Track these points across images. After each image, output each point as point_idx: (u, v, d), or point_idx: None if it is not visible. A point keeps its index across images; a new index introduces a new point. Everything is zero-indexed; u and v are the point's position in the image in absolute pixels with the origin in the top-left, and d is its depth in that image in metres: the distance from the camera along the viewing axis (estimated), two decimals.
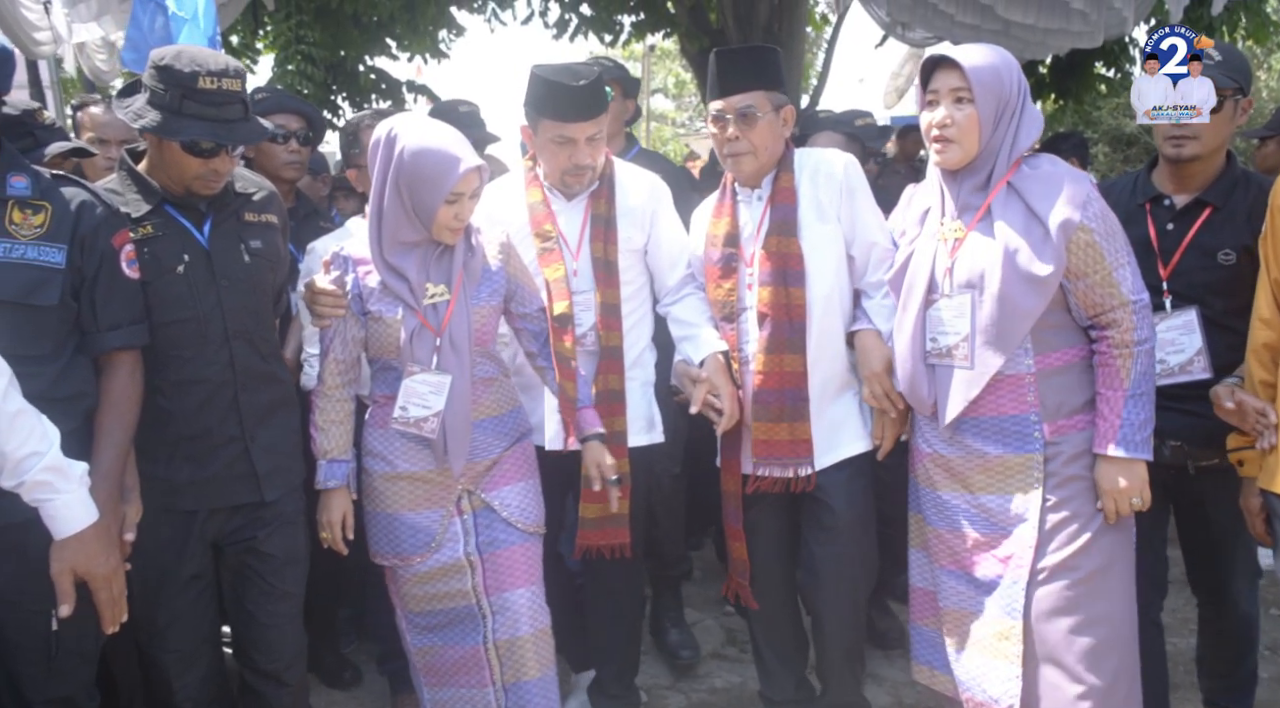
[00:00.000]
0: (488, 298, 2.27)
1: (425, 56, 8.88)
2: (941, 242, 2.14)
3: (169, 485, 2.21)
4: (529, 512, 2.35)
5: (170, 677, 2.28)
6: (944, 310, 2.11)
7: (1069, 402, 2.10)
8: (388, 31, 8.46)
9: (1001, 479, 2.11)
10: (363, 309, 2.23)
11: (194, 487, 2.22)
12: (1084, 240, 2.02)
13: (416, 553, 2.28)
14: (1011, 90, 2.06)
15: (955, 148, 2.07)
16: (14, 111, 2.49)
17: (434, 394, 2.17)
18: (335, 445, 2.28)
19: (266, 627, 2.34)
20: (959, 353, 2.09)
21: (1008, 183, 2.08)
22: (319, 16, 7.63)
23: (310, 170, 3.50)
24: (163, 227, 2.19)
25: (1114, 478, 2.04)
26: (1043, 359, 2.09)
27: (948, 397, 2.12)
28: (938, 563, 2.23)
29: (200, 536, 2.26)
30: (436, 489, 2.28)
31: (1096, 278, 2.03)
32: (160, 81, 2.10)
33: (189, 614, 2.28)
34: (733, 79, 2.39)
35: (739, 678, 3.12)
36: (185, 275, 2.17)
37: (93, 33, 5.88)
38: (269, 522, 2.31)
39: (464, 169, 2.10)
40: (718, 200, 2.58)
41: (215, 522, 2.27)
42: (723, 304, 2.48)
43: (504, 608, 2.30)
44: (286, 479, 2.36)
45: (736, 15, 8.73)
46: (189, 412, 2.19)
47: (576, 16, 8.45)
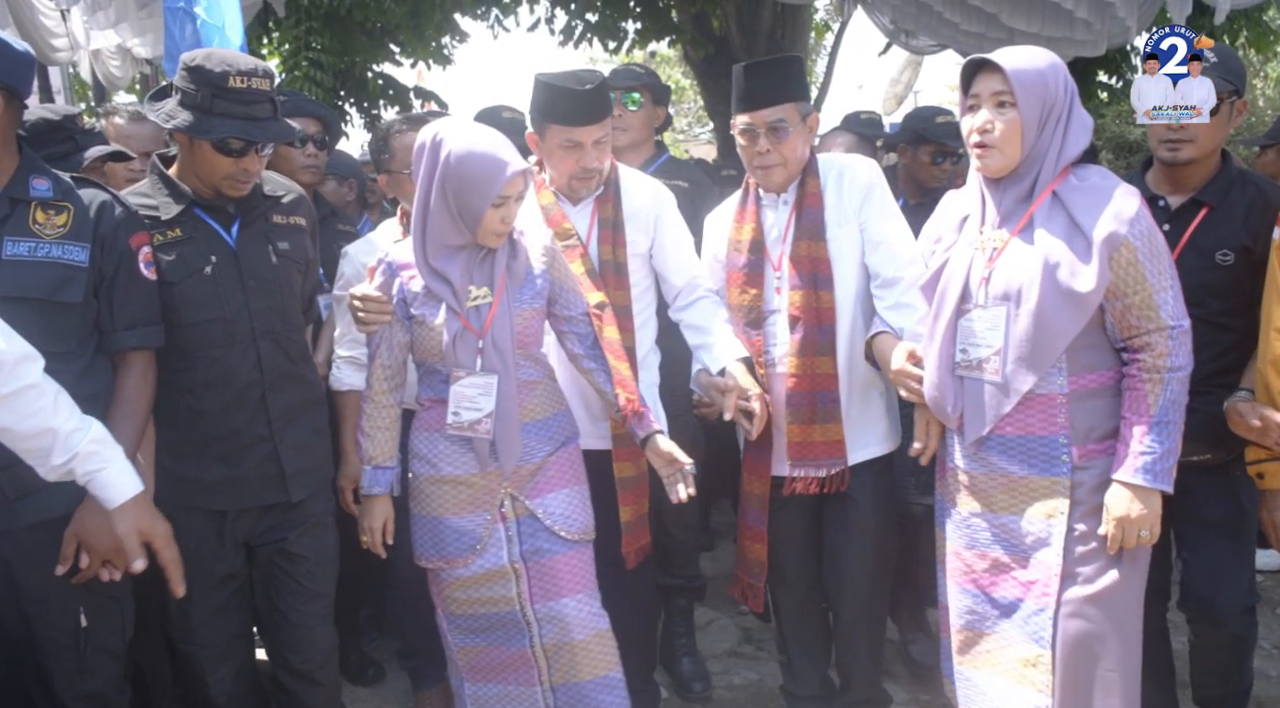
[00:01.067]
0: (530, 300, 2.27)
1: (428, 62, 8.96)
2: (979, 250, 2.06)
3: (200, 485, 2.24)
4: (574, 519, 2.32)
5: (204, 673, 2.32)
6: (977, 322, 2.03)
7: (1100, 426, 2.01)
8: (391, 38, 8.54)
9: (1025, 501, 2.03)
10: (407, 314, 2.24)
11: (224, 486, 2.26)
12: (1127, 258, 1.93)
13: (460, 556, 2.27)
14: (1058, 94, 1.97)
15: (996, 154, 1.99)
16: (54, 116, 2.52)
17: (483, 396, 2.19)
18: (381, 451, 2.30)
19: (299, 627, 2.37)
20: (990, 367, 2.01)
21: (1053, 192, 1.99)
22: (328, 23, 7.69)
23: (336, 175, 3.55)
24: (191, 229, 2.23)
25: (1127, 506, 1.95)
26: (1077, 380, 1.99)
27: (976, 412, 2.05)
28: (952, 580, 2.17)
29: (232, 535, 2.29)
30: (480, 493, 2.27)
31: (1136, 299, 1.94)
32: (191, 82, 2.14)
33: (223, 612, 2.32)
34: (762, 92, 2.40)
35: (756, 675, 3.17)
36: (213, 276, 2.21)
37: (110, 39, 5.93)
38: (299, 523, 2.35)
39: (510, 172, 2.11)
40: (739, 206, 2.58)
41: (246, 522, 2.31)
42: (748, 309, 2.49)
43: (551, 617, 2.28)
44: (314, 479, 2.40)
45: (740, 23, 8.81)
46: (217, 411, 2.22)
47: (582, 23, 8.52)
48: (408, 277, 2.24)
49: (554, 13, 8.67)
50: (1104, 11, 5.04)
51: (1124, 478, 1.95)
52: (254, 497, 2.29)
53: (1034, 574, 2.01)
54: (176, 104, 2.17)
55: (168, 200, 2.23)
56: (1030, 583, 2.02)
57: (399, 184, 2.76)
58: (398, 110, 8.64)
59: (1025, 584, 2.03)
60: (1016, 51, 1.99)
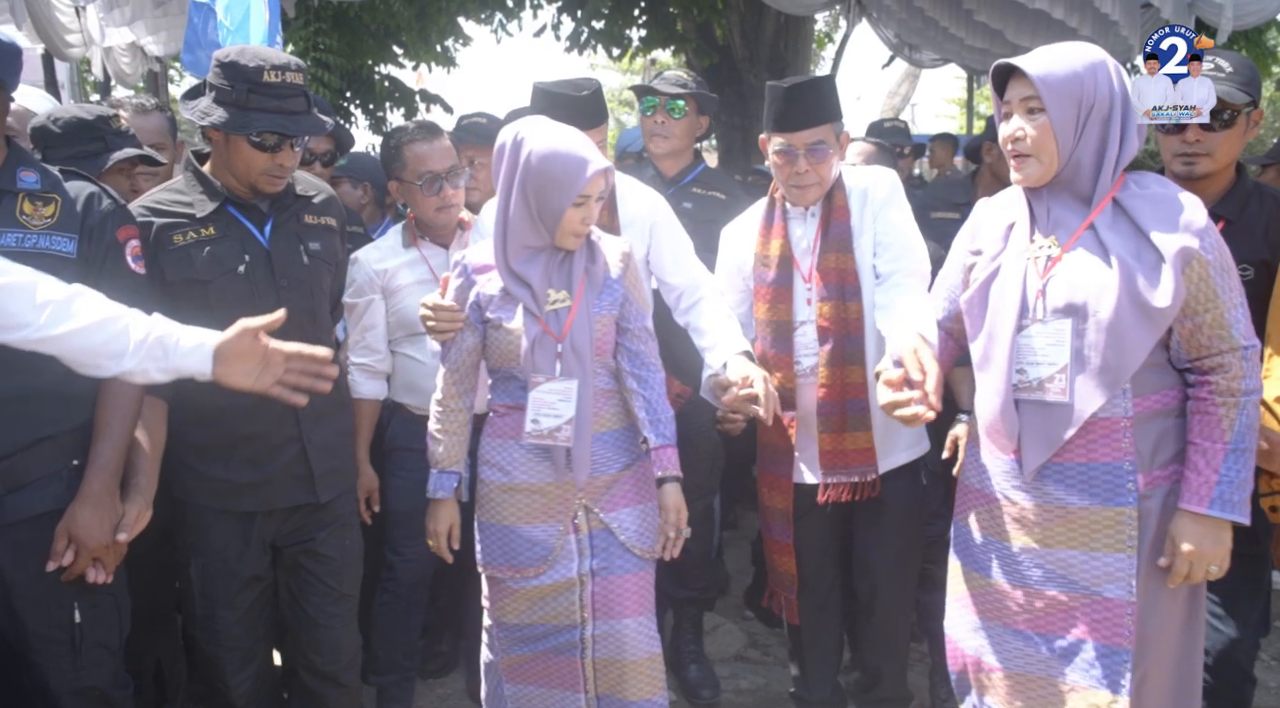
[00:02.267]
0: (609, 307, 2.21)
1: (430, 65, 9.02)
2: (1032, 261, 1.89)
3: (230, 486, 2.25)
4: (646, 536, 2.26)
5: (227, 674, 2.33)
6: (1036, 338, 1.86)
7: (1164, 450, 1.87)
8: (395, 39, 8.59)
9: (1087, 535, 1.86)
10: (481, 318, 2.21)
11: (253, 488, 2.27)
12: (1199, 274, 1.80)
13: (531, 566, 2.22)
14: (1098, 93, 1.82)
15: (1032, 162, 1.87)
16: (88, 116, 2.53)
17: (563, 402, 2.14)
18: (449, 456, 2.26)
19: (325, 628, 2.38)
20: (1054, 386, 1.84)
21: (1114, 200, 1.85)
22: (336, 24, 7.74)
23: (351, 177, 3.59)
24: (225, 227, 2.23)
25: (1198, 539, 1.79)
26: (1141, 402, 1.85)
27: (1037, 438, 1.87)
28: (994, 619, 1.97)
29: (259, 536, 2.30)
30: (554, 502, 2.22)
31: (1208, 317, 1.81)
32: (225, 78, 2.15)
33: (249, 613, 2.33)
34: (801, 114, 2.41)
35: (763, 679, 3.21)
36: (246, 275, 2.22)
37: (124, 36, 5.96)
38: (327, 524, 2.36)
39: (592, 171, 2.06)
40: (764, 220, 2.57)
41: (272, 523, 2.31)
42: (778, 324, 2.49)
43: (609, 635, 2.23)
44: (341, 480, 2.40)
45: (743, 33, 8.89)
46: (245, 411, 2.19)
47: (588, 30, 8.58)
48: (484, 280, 2.21)
49: (560, 19, 8.73)
50: (1107, 30, 5.11)
51: (1196, 508, 1.80)
52: (282, 498, 2.30)
53: (1102, 613, 1.86)
54: (211, 102, 2.18)
55: (202, 197, 2.24)
56: (1099, 623, 1.86)
57: (411, 193, 2.76)
58: (403, 113, 8.68)
59: (1092, 624, 1.86)
60: (1048, 51, 1.87)
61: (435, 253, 2.80)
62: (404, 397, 2.80)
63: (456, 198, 2.77)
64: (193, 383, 2.14)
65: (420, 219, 2.80)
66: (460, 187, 2.78)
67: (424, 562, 2.75)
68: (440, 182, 2.71)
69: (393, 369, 2.81)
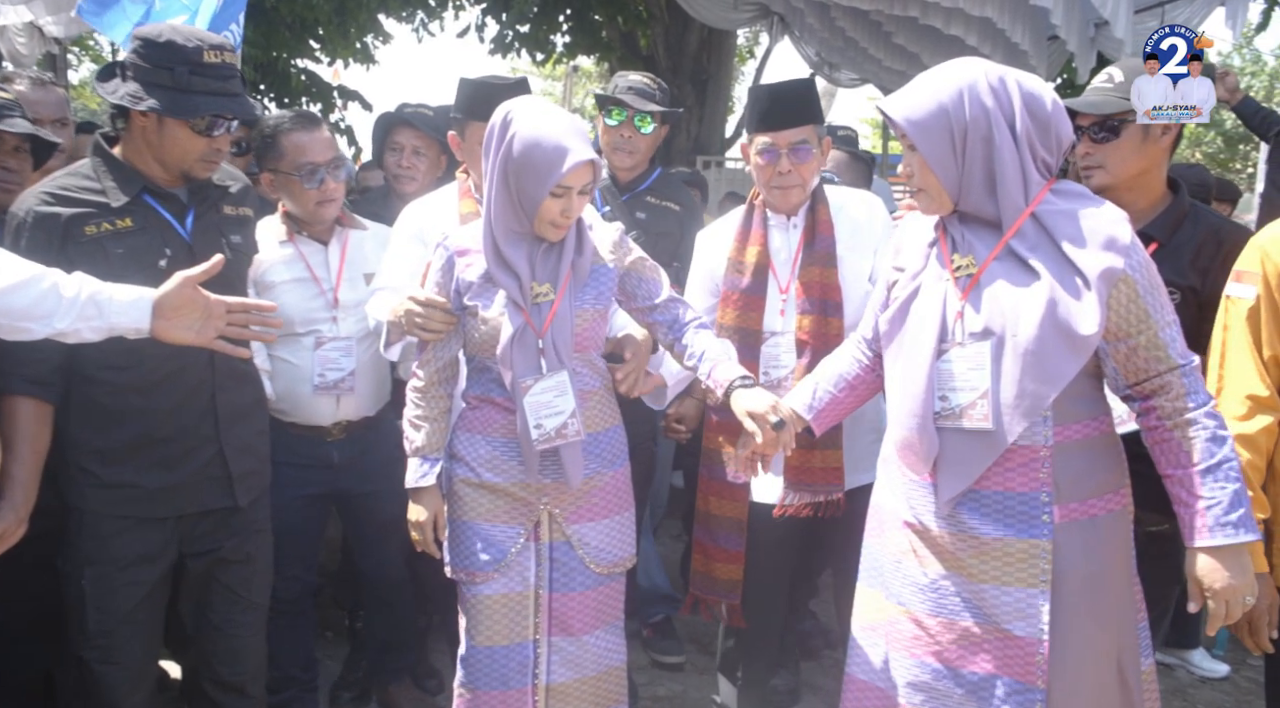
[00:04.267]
0: (593, 301, 2.09)
1: (347, 61, 8.85)
2: (951, 282, 1.79)
3: (139, 492, 2.10)
4: (610, 552, 2.15)
5: (118, 697, 2.14)
6: (956, 363, 1.76)
7: (1085, 483, 1.76)
8: (312, 33, 8.40)
9: (1000, 567, 1.76)
10: (460, 304, 2.09)
11: (165, 493, 2.12)
12: (1127, 295, 1.69)
13: (484, 570, 2.10)
14: (971, 115, 1.71)
15: (924, 196, 1.81)
16: None
17: (560, 397, 2.03)
18: (429, 442, 2.14)
19: (233, 638, 2.26)
20: (976, 412, 1.74)
21: (1033, 215, 1.74)
22: (251, 14, 7.47)
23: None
24: (143, 219, 2.08)
25: (1218, 573, 1.65)
26: (1063, 430, 1.74)
27: (955, 466, 1.77)
28: (903, 650, 1.86)
29: (166, 544, 2.15)
30: (518, 505, 2.11)
31: (1142, 339, 1.70)
32: (159, 60, 2.01)
33: (145, 628, 2.17)
34: (785, 114, 2.38)
35: (680, 686, 3.19)
36: (168, 271, 1.99)
37: (21, 15, 5.67)
38: (238, 530, 2.23)
39: (572, 162, 1.93)
40: (741, 226, 2.50)
41: (181, 529, 2.17)
42: (745, 332, 2.43)
43: (566, 650, 2.11)
44: (257, 483, 2.28)
45: (667, 43, 8.99)
46: (165, 411, 2.09)
47: (513, 33, 8.55)
48: (463, 264, 2.09)
49: (484, 21, 8.68)
50: (1017, 58, 5.32)
51: (1202, 543, 1.66)
52: (197, 502, 2.17)
53: (1015, 650, 1.75)
54: (139, 85, 2.02)
55: (115, 187, 2.08)
56: (1010, 659, 1.76)
57: (288, 185, 2.59)
58: (320, 108, 8.48)
59: (1003, 660, 1.76)
60: (915, 85, 1.79)
61: (313, 250, 2.65)
62: (277, 403, 2.61)
63: (337, 192, 2.63)
64: (105, 386, 2.05)
65: (297, 213, 2.64)
66: (342, 180, 2.65)
67: (301, 579, 2.71)
68: (321, 173, 2.57)
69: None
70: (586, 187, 2.00)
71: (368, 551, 2.82)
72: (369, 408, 2.71)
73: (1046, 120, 1.73)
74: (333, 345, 2.60)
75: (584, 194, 2.00)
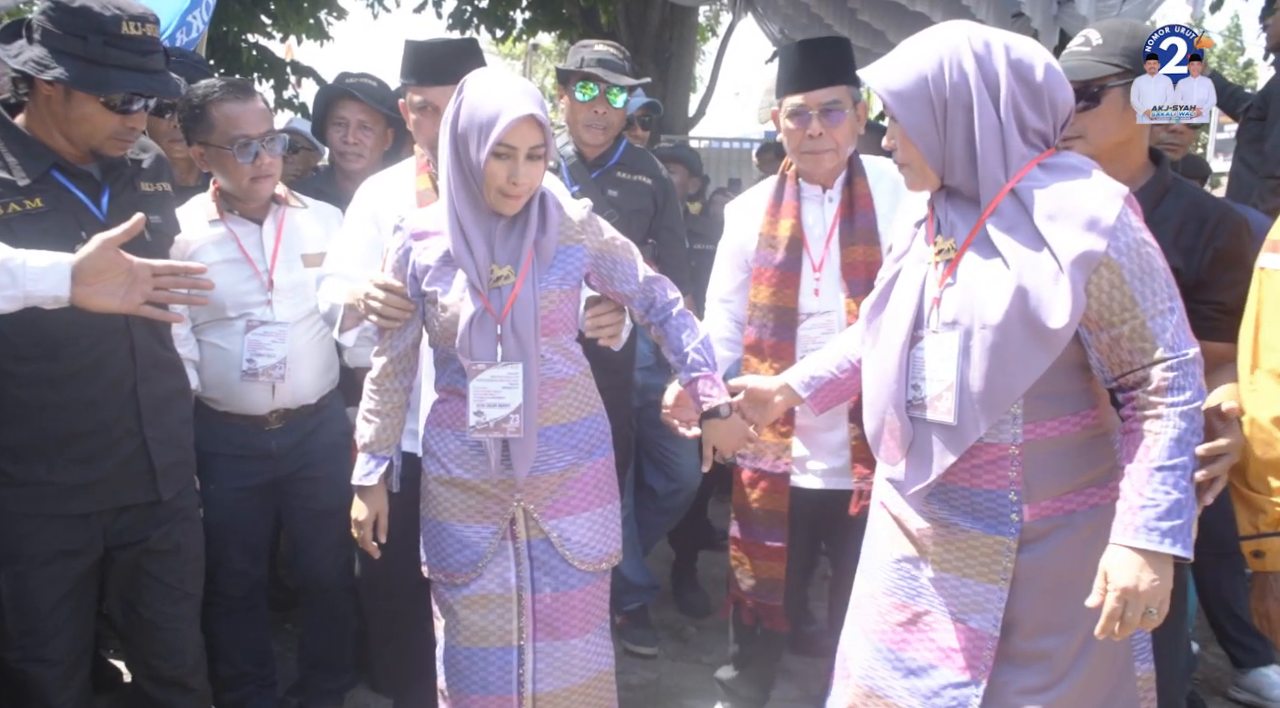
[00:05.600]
0: (559, 282, 1.96)
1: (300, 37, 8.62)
2: (932, 265, 1.71)
3: (54, 490, 1.99)
4: (594, 547, 2.03)
5: (50, 694, 2.05)
6: (928, 351, 1.68)
7: (1057, 483, 1.67)
8: (263, 8, 8.16)
9: (963, 558, 1.70)
10: (419, 291, 1.98)
11: (84, 489, 2.01)
12: (1109, 280, 1.56)
13: (461, 571, 2.01)
14: (952, 81, 1.61)
15: (908, 171, 1.72)
16: None
17: (508, 389, 1.92)
18: (378, 439, 2.05)
19: (167, 631, 2.16)
20: (942, 406, 1.65)
21: (1012, 191, 1.62)
22: None
23: None
24: (54, 199, 1.93)
25: (1135, 574, 1.53)
26: (1034, 429, 1.65)
27: (922, 459, 1.71)
28: (860, 629, 1.85)
29: (88, 538, 2.05)
30: (491, 503, 2.00)
31: (1126, 329, 1.57)
32: (71, 27, 1.85)
33: (72, 623, 2.06)
34: (816, 72, 2.23)
35: (654, 674, 3.15)
36: None
37: None
38: (165, 519, 2.13)
39: (509, 118, 1.80)
40: (773, 197, 2.36)
41: (102, 522, 2.07)
42: (781, 310, 2.31)
43: (552, 656, 2.00)
44: (182, 474, 2.19)
45: (628, 20, 8.87)
46: (83, 405, 1.97)
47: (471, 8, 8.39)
48: (421, 248, 1.98)
49: None
50: None
51: (1123, 540, 1.55)
52: (119, 496, 2.05)
53: (964, 642, 1.69)
54: (48, 52, 1.86)
55: (19, 162, 1.91)
56: (952, 651, 1.70)
57: (220, 160, 2.43)
58: (273, 85, 8.26)
59: (945, 651, 1.71)
60: (895, 54, 1.69)
61: (247, 230, 2.50)
62: (208, 391, 2.50)
63: (274, 167, 2.47)
64: (15, 380, 1.91)
65: (230, 190, 2.49)
66: (278, 154, 2.49)
67: (249, 573, 2.61)
68: (255, 147, 2.42)
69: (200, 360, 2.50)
70: (535, 150, 1.86)
71: (302, 544, 2.68)
72: (310, 396, 2.57)
73: (1039, 87, 1.62)
74: (263, 330, 2.46)
75: (534, 159, 1.87)
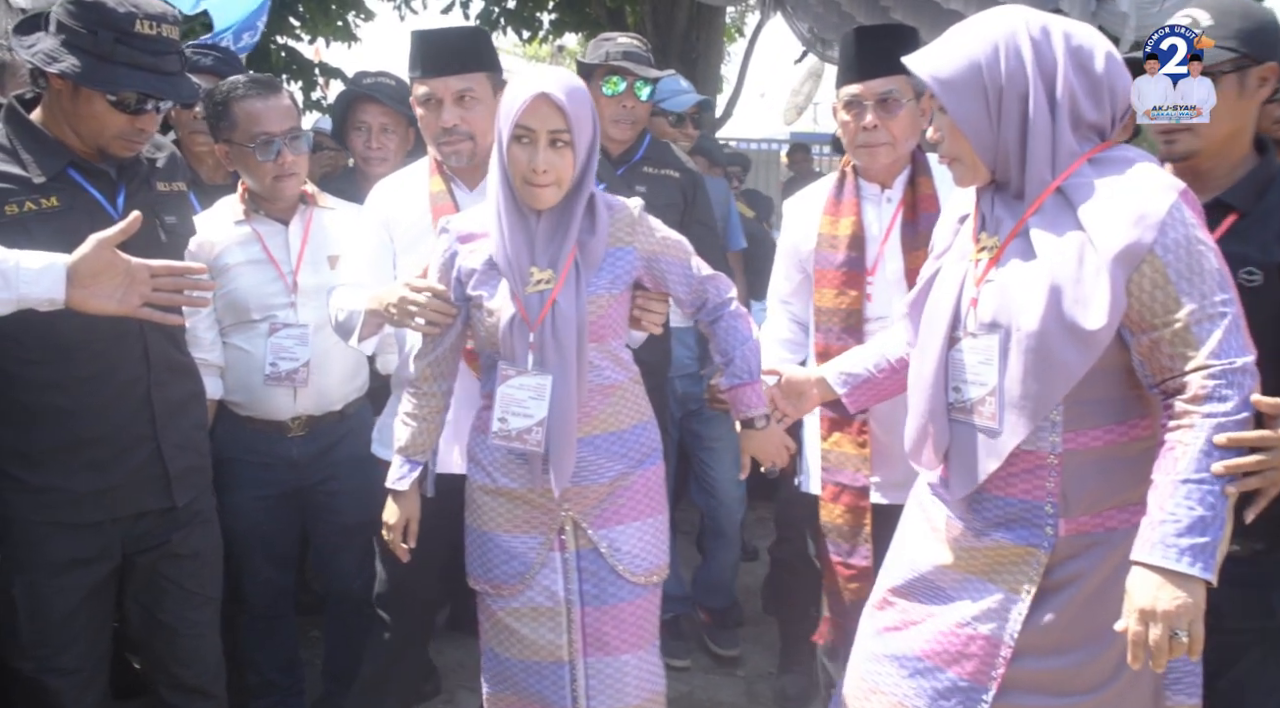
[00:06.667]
0: (608, 286, 1.88)
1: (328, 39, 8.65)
2: (973, 263, 1.63)
3: (67, 497, 1.94)
4: (644, 558, 1.95)
5: (67, 704, 2.00)
6: (967, 353, 1.61)
7: (1100, 496, 1.57)
8: (291, 10, 8.20)
9: (991, 564, 1.63)
10: (463, 294, 1.93)
11: (97, 496, 1.96)
12: (1151, 279, 1.46)
13: (508, 583, 1.94)
14: (1009, 69, 1.52)
15: (957, 165, 1.63)
16: None
17: (534, 400, 1.84)
18: (414, 443, 2.00)
19: (188, 637, 2.11)
20: (985, 411, 1.58)
21: (1059, 189, 1.53)
22: None
23: None
24: (70, 197, 1.88)
25: (1153, 594, 1.42)
26: (1074, 437, 1.56)
27: (965, 465, 1.63)
28: (874, 624, 1.80)
29: (104, 545, 2.00)
30: (538, 512, 1.93)
31: (1167, 332, 1.47)
32: (84, 21, 1.81)
33: (88, 632, 2.02)
34: (873, 61, 2.12)
35: (686, 687, 3.07)
36: None
37: None
38: (184, 522, 2.08)
39: (526, 94, 1.75)
40: (833, 195, 2.26)
41: (119, 528, 2.02)
42: (846, 314, 2.22)
43: (604, 675, 1.92)
44: (198, 480, 2.13)
45: (655, 21, 8.81)
46: (95, 410, 1.93)
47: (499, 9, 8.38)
48: (467, 251, 1.93)
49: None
50: None
51: (1140, 556, 1.45)
52: (133, 503, 2.01)
53: (976, 649, 1.63)
54: (60, 44, 1.82)
55: (35, 160, 1.86)
56: (968, 656, 1.64)
57: (243, 158, 2.39)
58: (301, 86, 8.29)
59: (957, 655, 1.65)
60: (944, 40, 1.60)
61: (272, 230, 2.45)
62: (231, 395, 2.46)
63: (298, 165, 2.42)
64: (26, 383, 1.87)
65: (255, 189, 2.44)
66: (302, 152, 2.44)
67: (275, 581, 2.55)
68: (277, 145, 2.36)
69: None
70: (558, 135, 1.78)
71: (325, 557, 2.64)
72: (334, 402, 2.52)
73: (1098, 77, 1.53)
74: (286, 333, 2.41)
75: (558, 146, 1.79)
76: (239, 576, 2.50)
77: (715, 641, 3.27)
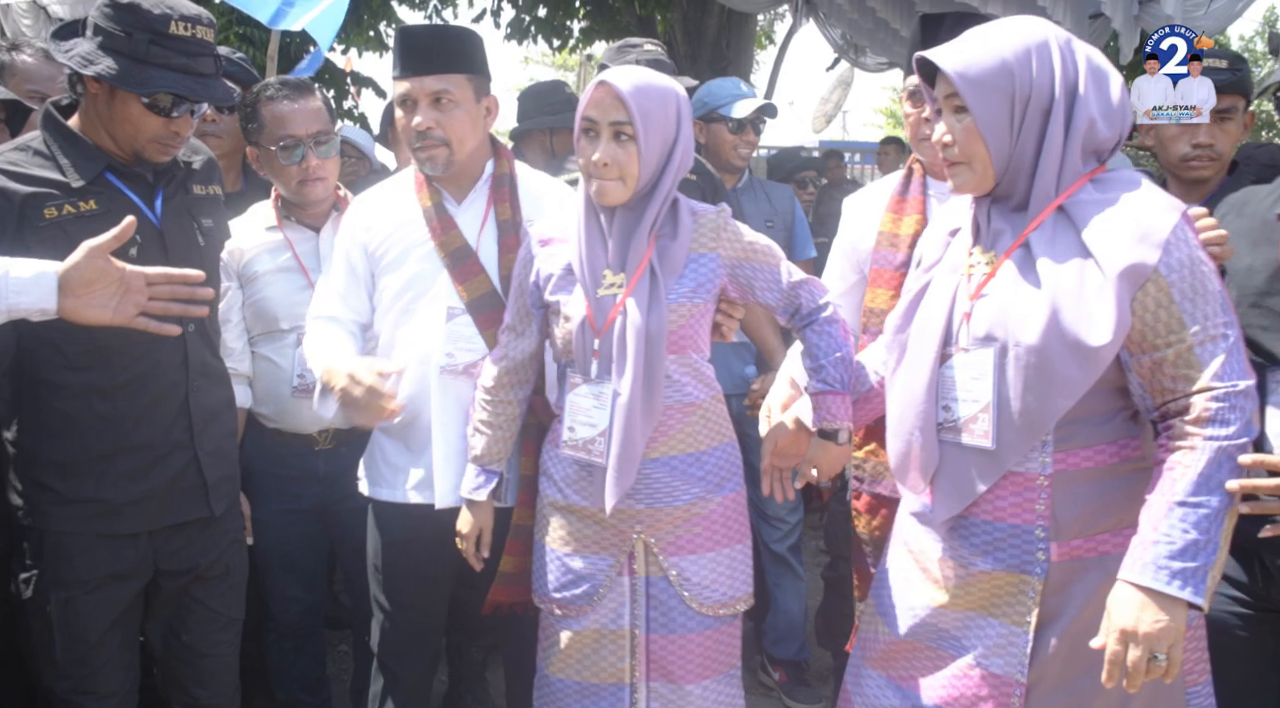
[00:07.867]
0: (690, 294, 1.81)
1: (360, 49, 8.72)
2: (965, 277, 1.60)
3: (104, 507, 1.91)
4: (717, 589, 1.86)
5: None
6: (959, 369, 1.57)
7: (1092, 519, 1.53)
8: None
9: (987, 597, 1.58)
10: (540, 301, 1.89)
11: (135, 506, 1.93)
12: (1155, 299, 1.44)
13: (574, 604, 1.88)
14: (1037, 81, 1.49)
15: (964, 170, 1.56)
16: None
17: (598, 408, 1.78)
18: (489, 452, 1.95)
19: (210, 658, 2.08)
20: (977, 427, 1.54)
21: (1060, 207, 1.52)
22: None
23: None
24: (108, 201, 1.87)
25: (1135, 614, 1.40)
26: (1065, 458, 1.52)
27: (952, 486, 1.58)
28: (874, 667, 1.73)
29: (140, 561, 1.97)
30: (608, 533, 1.86)
31: (1170, 353, 1.45)
32: (120, 23, 1.81)
33: (122, 652, 1.98)
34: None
35: None
36: (138, 261, 1.82)
37: None
38: (216, 541, 2.05)
39: (592, 85, 1.76)
40: (898, 193, 2.17)
41: (155, 542, 1.98)
42: None
43: (666, 698, 1.86)
44: (230, 489, 2.11)
45: (685, 29, 8.79)
46: (134, 416, 1.91)
47: (530, 18, 8.40)
48: (545, 255, 1.88)
49: (500, 5, 8.52)
50: None
51: (1128, 575, 1.42)
52: (171, 513, 1.97)
53: (988, 689, 1.58)
54: (96, 47, 1.81)
55: (73, 164, 1.86)
56: (982, 698, 1.58)
57: (268, 160, 2.35)
58: (334, 95, 8.35)
59: (975, 698, 1.59)
60: (974, 37, 1.55)
61: (303, 236, 2.41)
62: (259, 407, 2.42)
63: (324, 170, 2.36)
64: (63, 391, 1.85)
65: (284, 194, 2.40)
66: (331, 156, 2.38)
67: (303, 599, 2.51)
68: (301, 148, 2.31)
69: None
70: (621, 127, 1.74)
71: (352, 574, 2.58)
72: None
73: (1113, 101, 1.51)
74: None
75: (622, 140, 1.75)
76: (266, 594, 2.47)
77: (795, 698, 3.05)
